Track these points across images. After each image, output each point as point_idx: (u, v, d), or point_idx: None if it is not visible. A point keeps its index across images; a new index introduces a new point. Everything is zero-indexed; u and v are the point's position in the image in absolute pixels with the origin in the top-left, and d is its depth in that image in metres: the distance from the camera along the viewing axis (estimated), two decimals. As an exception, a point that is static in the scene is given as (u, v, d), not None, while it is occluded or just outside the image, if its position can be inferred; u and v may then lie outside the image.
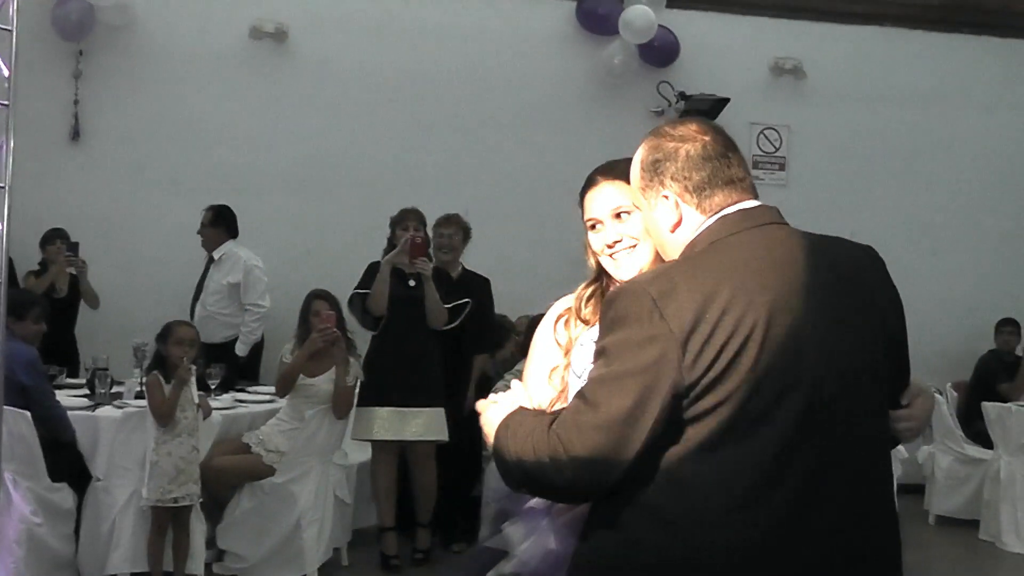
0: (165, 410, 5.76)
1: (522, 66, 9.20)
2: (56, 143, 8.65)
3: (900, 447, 7.49)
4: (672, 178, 2.42)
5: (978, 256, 9.86)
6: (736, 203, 2.43)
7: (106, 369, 6.79)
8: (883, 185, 9.76)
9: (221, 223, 8.11)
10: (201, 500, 5.99)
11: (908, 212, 9.80)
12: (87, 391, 6.74)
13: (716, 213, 2.40)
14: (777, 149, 9.69)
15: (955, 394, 8.93)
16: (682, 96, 9.27)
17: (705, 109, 9.20)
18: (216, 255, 8.11)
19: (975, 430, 8.53)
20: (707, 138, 2.47)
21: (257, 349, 8.24)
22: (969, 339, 9.28)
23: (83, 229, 8.23)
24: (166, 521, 5.87)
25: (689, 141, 2.45)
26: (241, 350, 8.07)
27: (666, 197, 2.43)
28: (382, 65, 9.00)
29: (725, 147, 2.49)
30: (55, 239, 7.90)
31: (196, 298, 8.15)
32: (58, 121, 8.67)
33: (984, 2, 9.80)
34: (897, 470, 7.54)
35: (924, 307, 9.50)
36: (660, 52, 9.27)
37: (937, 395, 8.54)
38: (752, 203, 2.47)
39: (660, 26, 9.07)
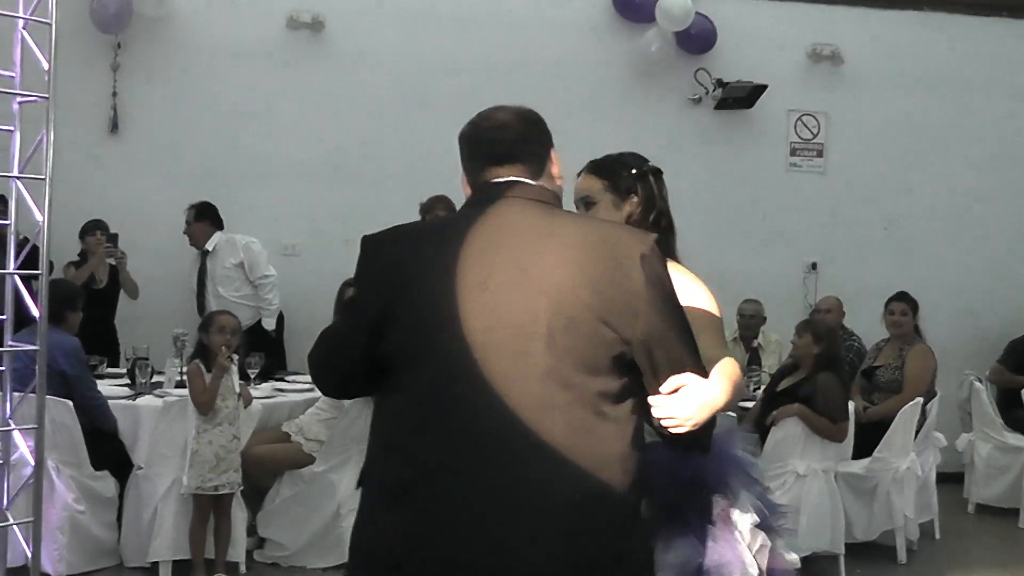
0: (206, 398, 5.80)
1: (559, 55, 9.15)
2: (95, 135, 8.69)
3: (937, 434, 7.54)
4: None
5: (1018, 242, 9.75)
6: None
7: (146, 359, 6.86)
8: (922, 172, 9.66)
9: (205, 217, 8.22)
10: (242, 488, 6.03)
11: (948, 199, 9.71)
12: (128, 380, 6.81)
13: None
14: (815, 136, 9.61)
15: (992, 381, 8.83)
16: (719, 83, 9.24)
17: (743, 96, 9.20)
18: (208, 247, 8.21)
19: (1015, 417, 8.45)
20: None
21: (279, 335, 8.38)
22: (1008, 325, 9.18)
23: (122, 220, 8.30)
24: (208, 509, 5.92)
25: None
26: (269, 324, 8.24)
27: None
28: (418, 55, 8.99)
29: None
30: (94, 230, 7.97)
31: (200, 294, 8.25)
32: (97, 113, 8.70)
33: (1023, -14, 9.70)
34: (937, 458, 7.55)
35: (965, 294, 9.52)
36: (697, 39, 9.19)
37: (976, 383, 8.52)
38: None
39: (697, 13, 9.02)
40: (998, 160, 9.75)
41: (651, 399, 2.40)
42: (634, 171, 3.12)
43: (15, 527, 5.12)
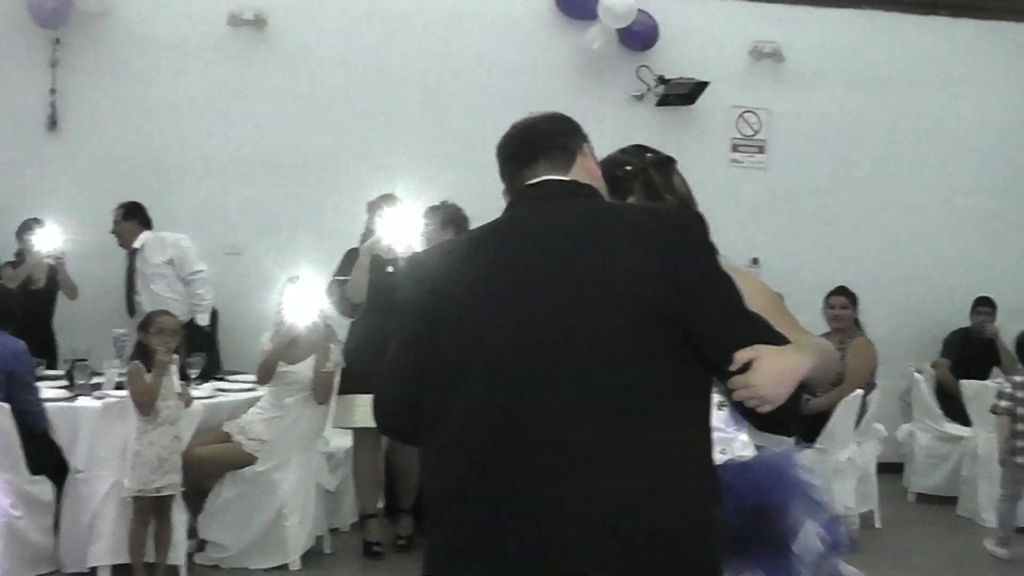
0: (147, 399, 5.69)
1: (501, 51, 9.13)
2: (33, 132, 8.58)
3: (877, 425, 7.58)
4: None
5: (958, 237, 9.82)
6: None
7: (85, 360, 6.74)
8: (862, 167, 9.73)
9: (134, 217, 8.08)
10: (183, 490, 5.93)
11: (887, 194, 9.77)
12: (66, 382, 6.68)
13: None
14: (757, 132, 9.64)
15: (934, 372, 8.93)
16: (661, 80, 9.24)
17: (685, 93, 9.20)
18: (136, 245, 8.07)
19: (954, 407, 8.52)
20: None
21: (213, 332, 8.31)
22: (951, 319, 9.26)
23: (61, 218, 8.14)
24: (148, 511, 5.80)
25: None
26: (202, 320, 8.11)
27: None
28: (361, 51, 8.94)
29: None
30: (32, 229, 7.79)
31: (130, 294, 8.11)
32: (35, 110, 8.58)
33: (961, -15, 9.78)
34: (877, 449, 7.60)
35: (905, 287, 9.59)
36: (639, 36, 9.19)
37: (917, 374, 8.60)
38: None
39: (639, 10, 9.02)
40: (938, 156, 9.84)
41: (730, 381, 2.22)
42: (628, 168, 2.98)
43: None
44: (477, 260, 2.44)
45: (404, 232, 6.56)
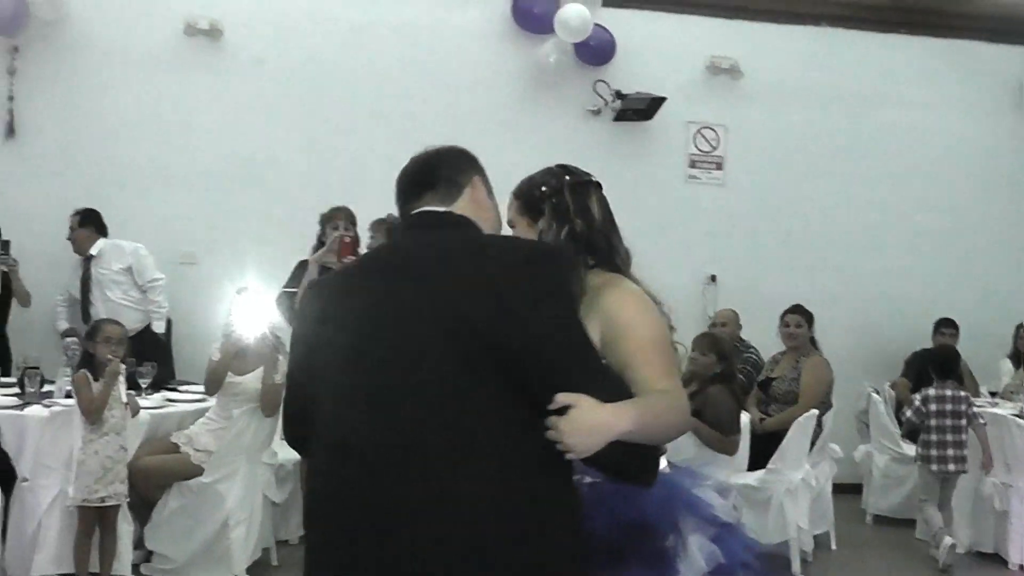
0: (94, 407, 5.71)
1: (456, 64, 9.20)
2: (-10, 139, 8.59)
3: (833, 445, 7.65)
4: None
5: (917, 255, 9.90)
6: None
7: (36, 368, 6.73)
8: (820, 184, 9.81)
9: (90, 223, 8.18)
10: (129, 500, 5.94)
11: (845, 211, 9.86)
12: (18, 390, 6.70)
13: None
14: (715, 148, 9.72)
15: (892, 392, 8.95)
16: (618, 95, 9.32)
17: (642, 108, 9.27)
18: (93, 252, 8.14)
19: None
20: None
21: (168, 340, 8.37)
22: (909, 338, 9.32)
23: (16, 225, 8.19)
24: (92, 521, 5.82)
25: None
26: (159, 327, 8.22)
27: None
28: (316, 62, 9.00)
29: None
30: None
31: (85, 300, 8.17)
32: (-8, 117, 8.60)
33: (920, 2, 9.87)
34: (833, 469, 7.64)
35: (863, 306, 9.66)
36: (596, 51, 9.27)
37: (874, 394, 8.64)
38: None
39: (596, 25, 9.07)
40: (894, 173, 9.92)
41: (548, 420, 2.31)
42: (543, 189, 2.97)
43: None
44: (343, 292, 2.61)
45: (353, 245, 6.62)
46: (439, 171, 2.68)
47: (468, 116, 9.03)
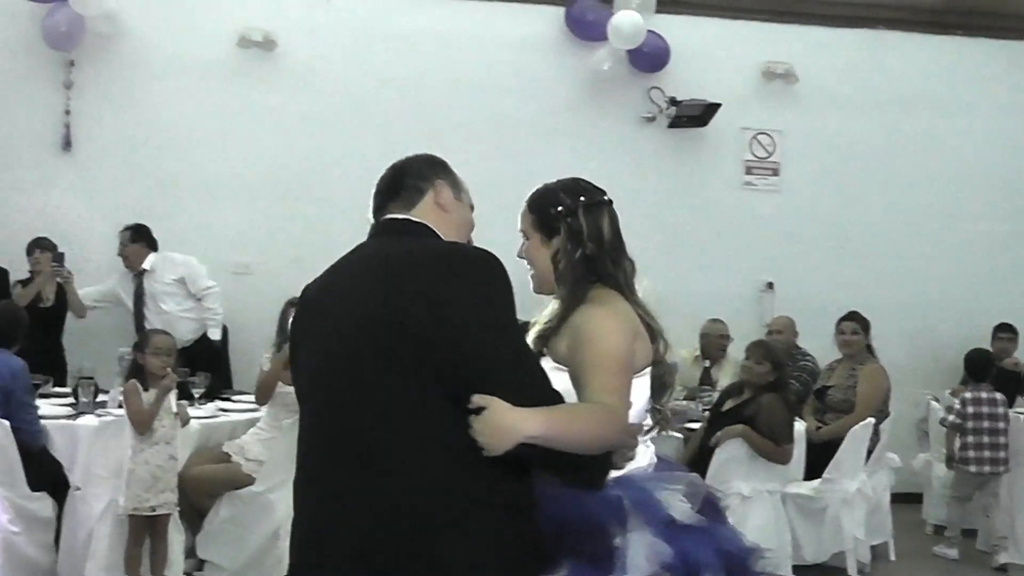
0: (143, 418, 5.76)
1: (510, 73, 9.23)
2: (48, 153, 8.73)
3: (891, 455, 7.56)
4: None
5: (974, 260, 9.80)
6: None
7: (90, 378, 6.83)
8: (877, 189, 9.73)
9: (141, 239, 8.28)
10: (180, 509, 6.00)
11: (902, 216, 9.75)
12: (73, 400, 6.79)
13: None
14: (770, 154, 9.67)
15: (952, 400, 8.80)
16: (673, 101, 9.29)
17: (696, 114, 9.23)
18: (145, 267, 8.25)
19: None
20: None
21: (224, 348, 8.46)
22: (967, 344, 9.12)
23: (74, 237, 8.38)
24: (143, 530, 5.89)
25: None
26: (215, 334, 8.35)
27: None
28: (369, 73, 9.06)
29: None
30: (36, 248, 7.99)
31: (139, 314, 8.26)
32: (50, 131, 8.73)
33: (977, 4, 9.75)
34: (890, 479, 7.55)
35: (921, 312, 9.55)
36: (650, 57, 9.25)
37: (933, 402, 8.52)
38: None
39: (649, 31, 9.08)
40: (952, 177, 9.82)
41: (469, 418, 2.45)
42: (559, 209, 3.04)
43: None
44: (311, 300, 2.80)
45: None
46: (403, 179, 2.89)
47: (522, 125, 9.07)
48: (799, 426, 7.04)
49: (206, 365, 7.38)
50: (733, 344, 8.37)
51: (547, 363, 2.92)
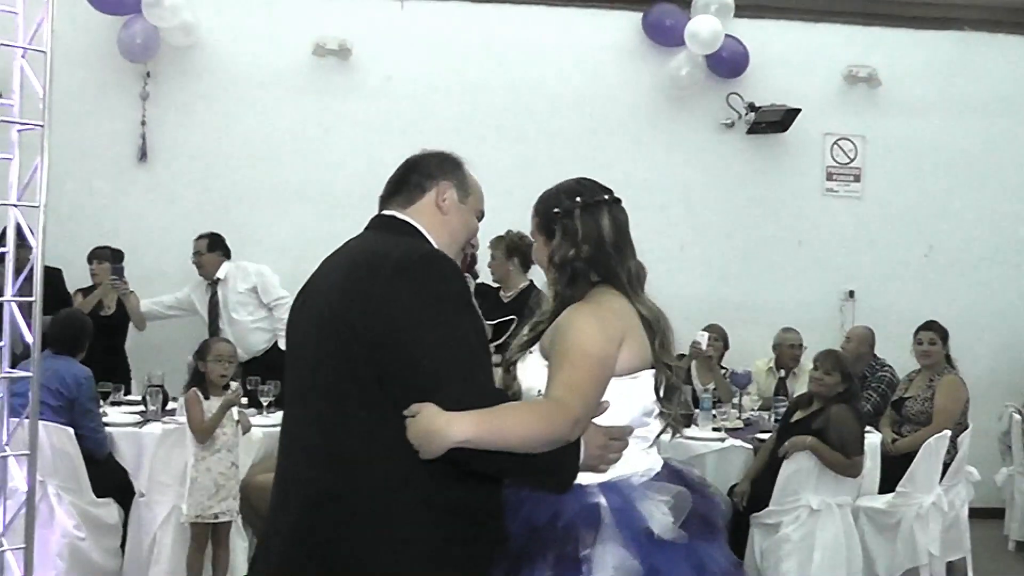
0: (204, 427, 5.87)
1: (588, 80, 9.23)
2: (124, 163, 8.94)
3: (970, 468, 7.40)
4: None
5: (1062, 271, 9.59)
6: None
7: (159, 386, 6.98)
8: (963, 197, 9.55)
9: (217, 248, 8.36)
10: (241, 516, 6.09)
11: (989, 225, 9.57)
12: (142, 408, 6.94)
13: None
14: (852, 160, 9.53)
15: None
16: (752, 107, 9.22)
17: (776, 120, 9.16)
18: (220, 276, 8.34)
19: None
20: None
21: None
22: (1059, 357, 9.01)
23: (150, 248, 8.56)
24: (205, 537, 5.99)
25: None
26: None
27: None
28: (444, 81, 9.11)
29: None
30: (94, 259, 8.15)
31: (213, 324, 8.36)
32: (126, 142, 8.93)
33: (1067, 2, 9.53)
34: (970, 493, 7.39)
35: (1006, 323, 9.40)
36: (728, 62, 9.19)
37: (1016, 415, 8.34)
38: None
39: (728, 36, 9.02)
40: (1042, 184, 9.60)
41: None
42: (556, 211, 3.09)
43: (9, 552, 5.25)
44: (303, 288, 2.92)
45: (465, 264, 6.64)
46: (410, 176, 2.93)
47: (600, 132, 9.07)
48: (873, 438, 6.95)
49: (277, 374, 7.47)
50: (813, 355, 8.26)
51: (536, 359, 2.98)
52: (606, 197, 3.12)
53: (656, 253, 8.54)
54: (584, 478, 2.83)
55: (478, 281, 6.88)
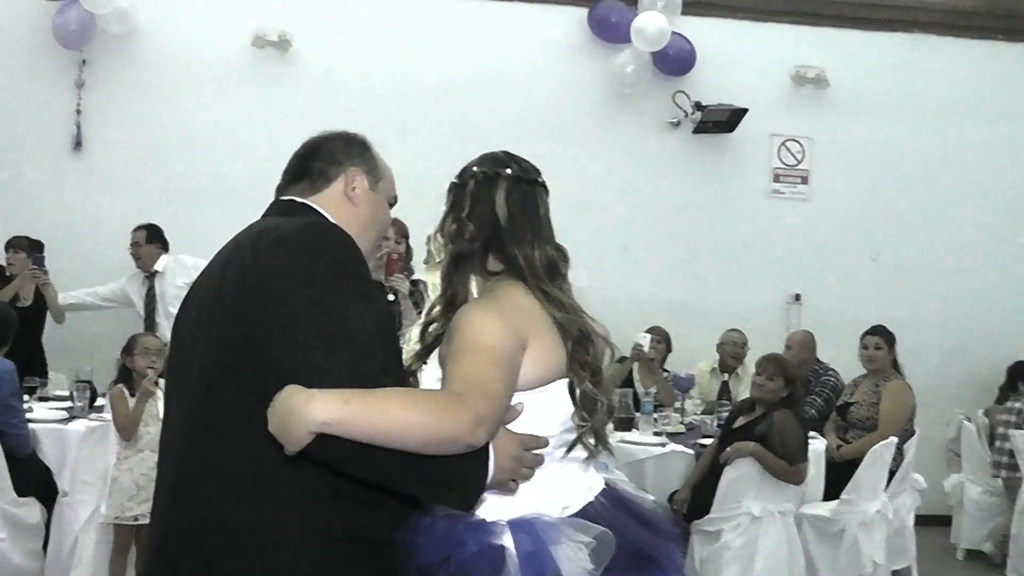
0: (128, 423, 5.75)
1: (531, 76, 9.17)
2: (59, 152, 8.77)
3: (916, 476, 7.38)
4: None
5: (1013, 276, 9.59)
6: None
7: (88, 382, 6.83)
8: (910, 200, 9.55)
9: (155, 239, 8.23)
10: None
11: (936, 228, 9.58)
12: (70, 404, 6.79)
13: None
14: (799, 162, 9.53)
15: (986, 420, 8.53)
16: (698, 106, 9.19)
17: (723, 120, 9.13)
18: (158, 268, 8.19)
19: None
20: None
21: None
22: (1003, 363, 8.95)
23: (84, 239, 8.40)
24: (128, 539, 5.86)
25: None
26: None
27: None
28: (386, 74, 9.02)
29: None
30: (10, 248, 8.00)
31: (150, 317, 8.21)
32: (60, 131, 8.76)
33: (1018, 7, 9.55)
34: (916, 501, 7.38)
35: (955, 328, 9.39)
36: (675, 60, 9.14)
37: (966, 422, 8.36)
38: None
39: (675, 33, 8.98)
40: (989, 187, 9.63)
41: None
42: (455, 180, 2.80)
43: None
44: (192, 285, 2.65)
45: (399, 261, 6.54)
46: (314, 161, 2.68)
47: (543, 129, 8.98)
48: (818, 444, 6.91)
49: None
50: (755, 357, 8.24)
51: (434, 370, 2.61)
52: (507, 172, 2.73)
53: (599, 253, 8.69)
54: (490, 511, 2.48)
55: (414, 278, 6.75)
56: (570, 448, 2.58)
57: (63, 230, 8.39)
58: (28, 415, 6.34)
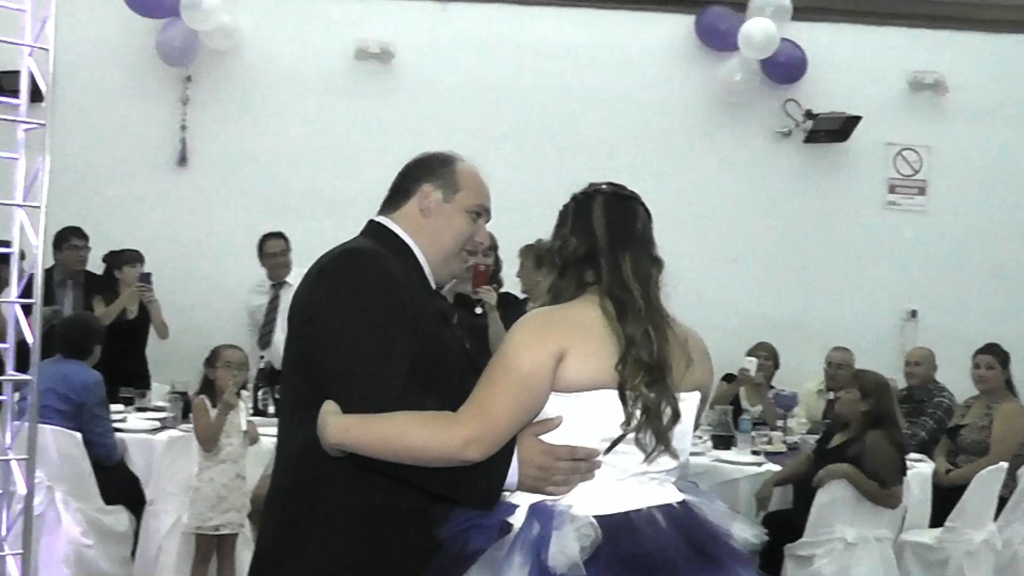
0: (208, 434, 5.90)
1: (638, 85, 9.19)
2: (164, 168, 9.09)
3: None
4: None
5: None
6: None
7: (183, 393, 7.03)
8: (1034, 211, 9.33)
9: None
10: (242, 528, 6.10)
11: (1062, 241, 9.34)
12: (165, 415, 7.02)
13: None
14: (916, 172, 9.38)
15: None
16: (809, 115, 9.14)
17: (835, 128, 9.06)
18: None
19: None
20: None
21: None
22: None
23: (188, 253, 8.67)
24: (209, 549, 6.01)
25: None
26: None
27: None
28: (490, 85, 9.14)
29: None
30: (130, 262, 8.13)
31: (268, 327, 8.33)
32: (166, 147, 9.08)
33: None
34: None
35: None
36: (785, 68, 9.09)
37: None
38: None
39: (784, 40, 8.93)
40: (1121, 199, 9.33)
41: None
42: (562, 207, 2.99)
43: (10, 557, 5.32)
44: None
45: (487, 274, 6.59)
46: (400, 182, 3.01)
47: (650, 139, 9.02)
48: (924, 467, 6.80)
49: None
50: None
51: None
52: (602, 188, 2.92)
53: (706, 266, 8.63)
54: (515, 497, 2.65)
55: (503, 291, 6.81)
56: (612, 445, 2.64)
57: (168, 244, 8.64)
58: (120, 425, 6.58)
